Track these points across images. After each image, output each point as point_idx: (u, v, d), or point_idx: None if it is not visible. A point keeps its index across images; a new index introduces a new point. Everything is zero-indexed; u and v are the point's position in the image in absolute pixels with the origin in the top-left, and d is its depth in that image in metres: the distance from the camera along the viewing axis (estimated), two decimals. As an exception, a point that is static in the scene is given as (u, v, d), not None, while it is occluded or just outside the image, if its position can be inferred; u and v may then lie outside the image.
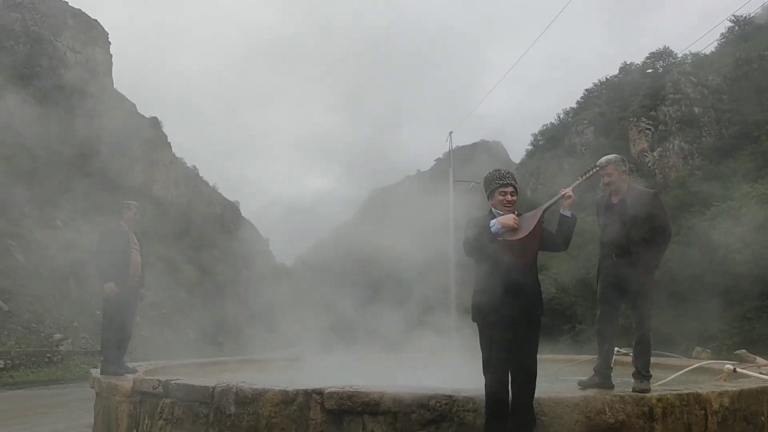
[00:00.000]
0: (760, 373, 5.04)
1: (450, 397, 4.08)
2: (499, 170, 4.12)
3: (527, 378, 3.86)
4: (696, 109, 50.16)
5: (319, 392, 4.27)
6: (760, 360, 6.40)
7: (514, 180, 4.11)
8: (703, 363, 6.70)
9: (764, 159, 37.56)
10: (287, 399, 4.36)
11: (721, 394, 4.28)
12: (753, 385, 4.56)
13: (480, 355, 3.91)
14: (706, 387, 4.49)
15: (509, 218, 3.82)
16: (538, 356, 3.98)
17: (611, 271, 4.50)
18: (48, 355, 20.30)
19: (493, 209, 4.07)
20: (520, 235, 3.79)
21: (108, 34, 58.55)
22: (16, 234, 26.26)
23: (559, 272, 33.29)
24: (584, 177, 4.23)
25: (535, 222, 3.86)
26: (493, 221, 3.85)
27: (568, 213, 4.05)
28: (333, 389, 4.25)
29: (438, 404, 4.05)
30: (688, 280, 29.96)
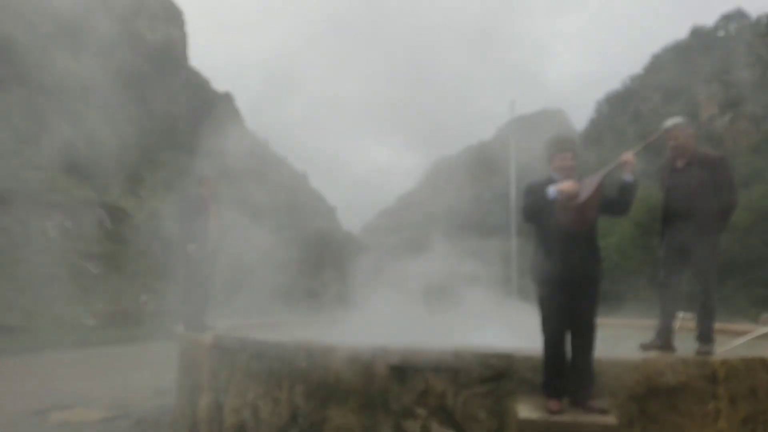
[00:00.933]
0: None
1: (509, 356, 4.21)
2: (558, 135, 4.18)
3: (586, 338, 3.95)
4: (771, 73, 47.06)
5: (385, 349, 4.50)
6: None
7: (574, 145, 4.15)
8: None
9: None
10: (354, 355, 4.61)
11: (787, 359, 4.22)
12: (823, 351, 4.45)
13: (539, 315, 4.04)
14: (772, 352, 4.43)
15: (567, 185, 3.84)
16: (600, 321, 4.06)
17: (675, 236, 4.46)
18: (135, 314, 21.71)
19: (552, 174, 4.13)
20: (579, 199, 3.83)
21: (183, 12, 60.12)
22: (104, 203, 27.87)
23: (622, 240, 32.56)
24: (648, 141, 4.20)
25: (594, 187, 3.88)
26: (550, 188, 3.89)
27: (629, 177, 4.04)
28: (398, 346, 4.47)
29: (498, 362, 4.20)
30: (758, 248, 28.74)
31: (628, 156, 4.03)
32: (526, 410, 3.90)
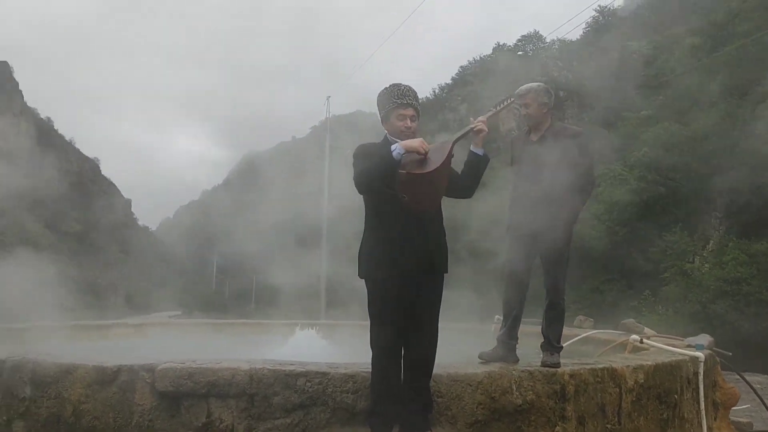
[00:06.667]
0: (670, 345, 4.56)
1: (324, 374, 3.19)
2: (398, 85, 3.20)
3: (426, 350, 3.05)
4: (561, 93, 53.07)
5: (150, 369, 3.21)
6: (647, 330, 6.06)
7: (417, 100, 3.23)
8: (591, 333, 6.30)
9: (619, 143, 40.28)
10: (104, 378, 3.26)
11: (636, 369, 3.70)
12: (666, 359, 4.01)
13: (367, 322, 3.04)
14: (618, 361, 3.89)
15: (416, 141, 2.95)
16: None
17: (524, 224, 3.73)
18: None
19: (388, 136, 3.17)
20: (429, 168, 2.93)
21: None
22: None
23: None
24: (499, 108, 3.41)
25: (445, 155, 3.02)
26: (394, 145, 2.96)
27: (480, 151, 3.24)
28: (168, 365, 3.20)
29: (309, 384, 3.14)
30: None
31: (480, 122, 3.22)
32: (343, 449, 2.89)
